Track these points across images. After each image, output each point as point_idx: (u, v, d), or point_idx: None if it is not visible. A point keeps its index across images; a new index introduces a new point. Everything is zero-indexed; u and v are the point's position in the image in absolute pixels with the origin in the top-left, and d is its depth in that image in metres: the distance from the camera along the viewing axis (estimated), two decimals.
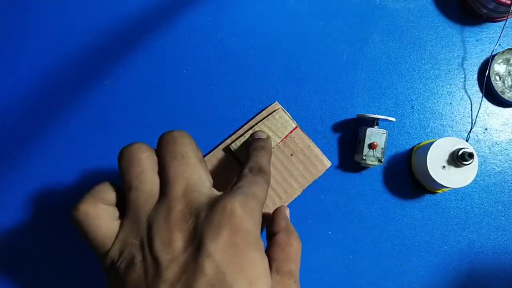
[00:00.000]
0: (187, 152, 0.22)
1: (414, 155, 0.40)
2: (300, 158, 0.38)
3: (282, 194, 0.37)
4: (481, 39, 0.42)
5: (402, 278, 0.39)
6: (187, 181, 0.21)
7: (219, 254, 0.18)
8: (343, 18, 0.42)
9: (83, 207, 0.21)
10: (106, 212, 0.21)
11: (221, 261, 0.18)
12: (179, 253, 0.19)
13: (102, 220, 0.21)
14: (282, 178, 0.37)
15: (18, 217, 0.39)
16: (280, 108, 0.39)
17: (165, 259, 0.19)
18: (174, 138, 0.22)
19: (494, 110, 0.41)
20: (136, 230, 0.20)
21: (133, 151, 0.22)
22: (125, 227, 0.21)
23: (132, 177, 0.21)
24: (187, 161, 0.22)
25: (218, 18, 0.41)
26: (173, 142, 0.22)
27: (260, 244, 0.20)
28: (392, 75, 0.41)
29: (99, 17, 0.41)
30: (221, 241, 0.19)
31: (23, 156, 0.39)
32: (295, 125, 0.38)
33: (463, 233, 0.40)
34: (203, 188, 0.21)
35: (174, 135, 0.23)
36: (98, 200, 0.21)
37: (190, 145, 0.23)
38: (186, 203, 0.20)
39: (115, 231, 0.21)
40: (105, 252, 0.21)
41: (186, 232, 0.19)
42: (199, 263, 0.18)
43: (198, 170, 0.22)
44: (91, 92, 0.40)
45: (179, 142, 0.22)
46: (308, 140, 0.38)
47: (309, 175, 0.38)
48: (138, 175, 0.21)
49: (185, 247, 0.19)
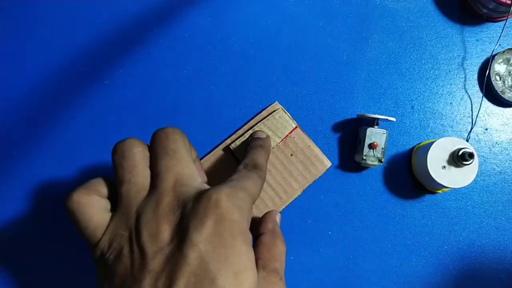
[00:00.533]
0: (179, 148, 0.22)
1: (414, 155, 0.40)
2: (300, 158, 0.38)
3: (282, 194, 0.37)
4: (481, 39, 0.42)
5: (402, 278, 0.39)
6: (177, 176, 0.21)
7: (203, 244, 0.18)
8: (343, 18, 0.42)
9: (76, 197, 0.22)
10: (98, 203, 0.22)
11: (204, 251, 0.18)
12: (165, 244, 0.19)
13: (93, 210, 0.22)
14: (282, 178, 0.37)
15: (19, 210, 0.39)
16: (280, 108, 0.39)
17: (151, 250, 0.19)
18: (167, 134, 0.23)
19: (495, 110, 0.41)
20: (125, 222, 0.21)
21: (126, 146, 0.22)
22: (116, 219, 0.21)
23: (125, 171, 0.22)
24: (178, 156, 0.22)
25: (218, 18, 0.41)
26: (166, 138, 0.23)
27: (247, 236, 0.20)
28: (392, 75, 0.41)
29: (99, 17, 0.41)
30: (206, 231, 0.19)
31: (23, 155, 0.40)
32: (295, 125, 0.38)
33: (463, 233, 0.40)
34: (193, 183, 0.21)
35: (166, 131, 0.23)
36: (91, 192, 0.22)
37: (182, 141, 0.23)
38: (174, 196, 0.21)
39: (106, 222, 0.22)
40: (96, 243, 0.21)
41: (173, 224, 0.20)
42: (183, 253, 0.18)
43: (189, 166, 0.22)
44: (91, 91, 0.40)
45: (171, 138, 0.23)
46: (308, 140, 0.38)
47: (309, 175, 0.38)
48: (130, 169, 0.22)
49: (171, 238, 0.19)
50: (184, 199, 0.20)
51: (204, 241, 0.18)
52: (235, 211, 0.20)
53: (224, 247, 0.19)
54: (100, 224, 0.21)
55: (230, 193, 0.20)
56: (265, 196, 0.37)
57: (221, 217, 0.19)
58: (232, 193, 0.20)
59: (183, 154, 0.22)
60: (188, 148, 0.23)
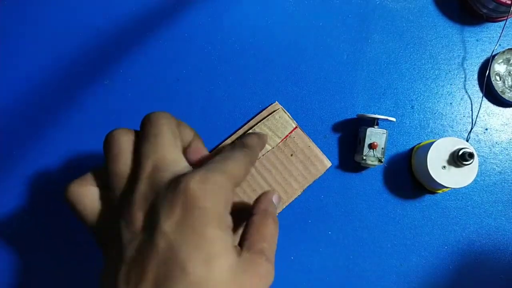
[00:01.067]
0: (162, 133, 0.22)
1: (414, 155, 0.40)
2: (300, 158, 0.38)
3: (282, 194, 0.37)
4: (481, 39, 0.42)
5: (402, 278, 0.39)
6: (156, 162, 0.21)
7: (172, 232, 0.18)
8: (343, 18, 0.42)
9: (72, 187, 0.22)
10: (93, 192, 0.23)
11: (174, 239, 0.18)
12: (138, 232, 0.19)
13: (88, 199, 0.22)
14: (282, 178, 0.37)
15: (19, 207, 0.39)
16: (280, 108, 0.39)
17: (126, 239, 0.19)
18: (150, 119, 0.22)
19: (495, 110, 0.41)
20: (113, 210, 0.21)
21: (112, 136, 0.22)
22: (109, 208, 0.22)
23: (109, 160, 0.22)
24: (159, 141, 0.21)
25: (218, 18, 0.41)
26: (149, 123, 0.22)
27: (223, 221, 0.19)
28: (392, 75, 0.41)
29: (99, 17, 0.41)
30: (174, 219, 0.18)
31: (23, 155, 0.39)
32: (295, 125, 0.38)
33: (463, 233, 0.40)
34: (173, 168, 0.21)
35: (150, 116, 0.23)
36: (87, 182, 0.23)
37: (167, 125, 0.22)
38: (150, 183, 0.20)
39: (99, 211, 0.22)
40: (93, 231, 0.22)
41: (145, 212, 0.19)
42: (152, 241, 0.18)
43: (171, 151, 0.22)
44: (91, 91, 0.40)
45: (154, 123, 0.22)
46: (308, 140, 0.38)
47: (309, 175, 0.38)
48: (114, 158, 0.22)
49: (143, 226, 0.19)
50: (159, 186, 0.20)
51: (173, 229, 0.18)
52: (207, 197, 0.19)
53: (194, 234, 0.18)
54: (94, 213, 0.22)
55: (203, 178, 0.19)
56: None
57: (189, 204, 0.19)
58: (205, 177, 0.19)
59: (165, 139, 0.22)
60: (175, 132, 0.23)
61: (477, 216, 0.40)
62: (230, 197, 0.21)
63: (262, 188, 0.37)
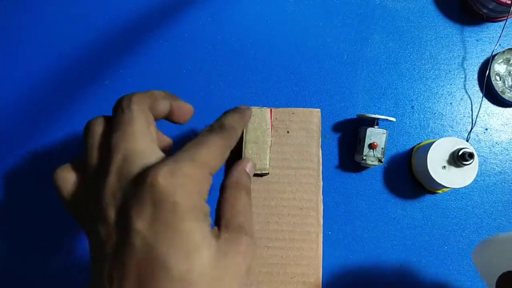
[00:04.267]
0: (133, 120, 0.20)
1: (414, 155, 0.39)
2: (295, 127, 0.38)
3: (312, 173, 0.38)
4: (481, 39, 0.42)
5: (402, 278, 0.39)
6: (125, 152, 0.19)
7: (146, 230, 0.17)
8: (343, 18, 0.42)
9: (58, 172, 0.21)
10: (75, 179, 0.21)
11: (149, 237, 0.17)
12: (113, 228, 0.18)
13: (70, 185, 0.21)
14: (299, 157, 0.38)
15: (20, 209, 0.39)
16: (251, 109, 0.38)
17: (103, 235, 0.18)
18: (122, 105, 0.21)
19: (495, 110, 0.41)
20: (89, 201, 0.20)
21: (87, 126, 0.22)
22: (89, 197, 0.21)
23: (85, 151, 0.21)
24: (130, 130, 0.20)
25: (218, 18, 0.41)
26: (120, 110, 0.21)
27: (197, 212, 0.18)
28: (392, 75, 0.41)
29: (99, 17, 0.41)
30: (146, 216, 0.17)
31: (23, 155, 0.39)
32: (270, 108, 0.38)
33: (463, 233, 0.40)
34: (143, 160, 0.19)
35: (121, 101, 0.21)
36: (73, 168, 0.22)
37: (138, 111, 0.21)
38: (117, 177, 0.19)
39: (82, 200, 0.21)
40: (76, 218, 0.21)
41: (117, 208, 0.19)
42: (128, 240, 0.17)
43: (142, 140, 0.20)
44: (91, 92, 0.40)
45: (125, 109, 0.21)
46: (288, 110, 0.38)
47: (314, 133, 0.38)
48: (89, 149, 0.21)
49: (116, 222, 0.18)
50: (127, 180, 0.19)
51: (147, 227, 0.17)
52: (177, 191, 0.18)
53: (170, 231, 0.17)
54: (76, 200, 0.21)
55: (170, 170, 0.18)
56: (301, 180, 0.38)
57: (159, 200, 0.18)
58: (173, 169, 0.18)
59: (136, 127, 0.20)
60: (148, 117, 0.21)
61: (477, 216, 0.40)
62: (205, 185, 0.20)
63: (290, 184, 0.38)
